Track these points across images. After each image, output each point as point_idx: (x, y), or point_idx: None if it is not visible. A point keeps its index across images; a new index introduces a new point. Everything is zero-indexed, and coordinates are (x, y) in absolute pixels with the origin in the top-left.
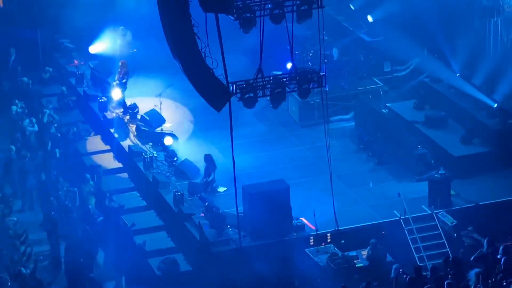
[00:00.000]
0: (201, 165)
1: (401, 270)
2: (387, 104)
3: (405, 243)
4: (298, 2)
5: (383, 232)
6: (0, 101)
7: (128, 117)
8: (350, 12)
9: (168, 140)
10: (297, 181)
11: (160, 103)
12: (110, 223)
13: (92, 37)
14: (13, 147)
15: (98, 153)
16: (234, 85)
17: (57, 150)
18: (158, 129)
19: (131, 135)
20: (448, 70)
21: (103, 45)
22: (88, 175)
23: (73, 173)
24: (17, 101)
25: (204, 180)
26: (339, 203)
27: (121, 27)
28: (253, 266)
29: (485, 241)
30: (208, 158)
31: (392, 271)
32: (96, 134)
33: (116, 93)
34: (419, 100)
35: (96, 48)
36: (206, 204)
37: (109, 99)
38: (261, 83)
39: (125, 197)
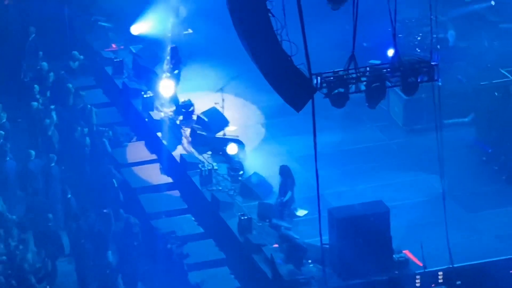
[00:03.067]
0: (275, 180)
1: None
2: None
3: None
4: None
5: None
6: (19, 94)
7: (181, 117)
8: None
9: (232, 148)
10: (399, 203)
11: (222, 100)
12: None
13: (135, 14)
14: (32, 151)
15: (141, 164)
16: (319, 78)
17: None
18: (220, 134)
19: (184, 141)
20: None
21: (149, 24)
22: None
23: (106, 190)
24: (38, 96)
25: (279, 200)
26: (454, 232)
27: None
28: None
29: None
30: (284, 171)
31: None
32: (138, 139)
33: (165, 87)
34: None
35: (140, 28)
36: (281, 231)
37: (157, 94)
38: (354, 75)
39: (176, 221)
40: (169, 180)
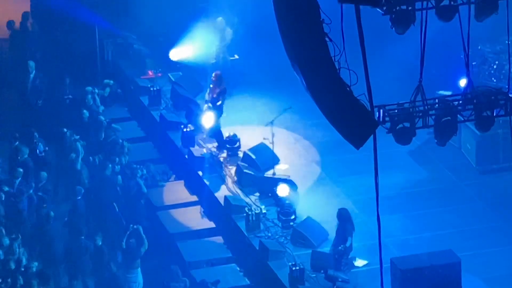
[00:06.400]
0: (330, 226)
1: None
2: None
3: None
4: None
5: None
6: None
7: (225, 154)
8: None
9: (283, 190)
10: (472, 253)
11: (271, 135)
12: None
13: (175, 37)
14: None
15: (180, 206)
16: (381, 110)
17: None
18: (269, 173)
19: (229, 181)
20: None
21: (191, 48)
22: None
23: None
24: (65, 130)
25: (336, 248)
26: None
27: (219, 18)
28: None
29: None
30: (343, 215)
31: None
32: (177, 178)
33: (208, 119)
34: None
35: (180, 53)
36: (338, 284)
37: (198, 127)
38: (422, 108)
39: (220, 271)
40: (212, 225)
